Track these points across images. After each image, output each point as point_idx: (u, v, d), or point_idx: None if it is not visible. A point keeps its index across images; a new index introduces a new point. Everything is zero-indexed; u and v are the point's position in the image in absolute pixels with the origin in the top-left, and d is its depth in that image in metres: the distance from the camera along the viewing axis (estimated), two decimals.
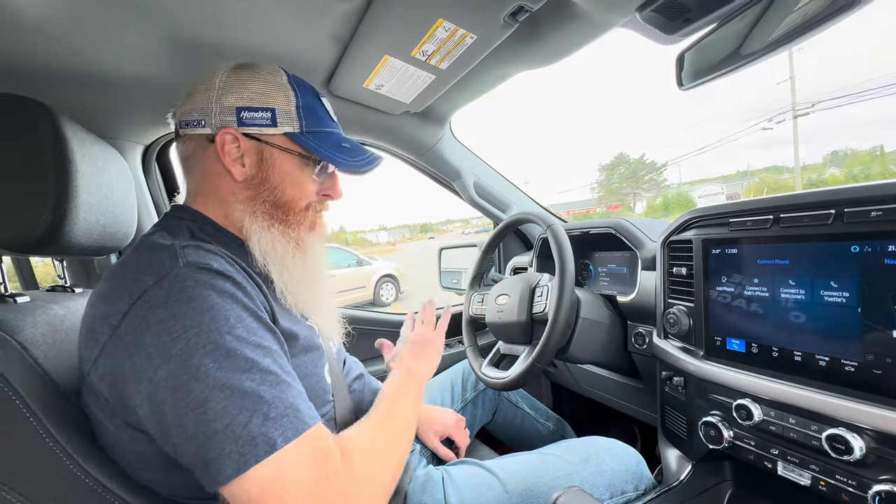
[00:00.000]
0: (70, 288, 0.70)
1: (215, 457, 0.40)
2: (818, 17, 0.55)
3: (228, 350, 0.42)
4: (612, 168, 51.48)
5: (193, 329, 0.42)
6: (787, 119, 22.13)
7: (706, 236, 0.74)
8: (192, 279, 0.45)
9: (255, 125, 0.57)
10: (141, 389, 0.42)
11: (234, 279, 0.48)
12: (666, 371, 0.82)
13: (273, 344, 0.48)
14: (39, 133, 0.53)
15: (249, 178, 0.58)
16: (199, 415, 0.40)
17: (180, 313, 0.43)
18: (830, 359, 0.57)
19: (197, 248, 0.49)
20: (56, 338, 0.55)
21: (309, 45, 0.81)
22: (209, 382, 0.41)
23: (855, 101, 23.55)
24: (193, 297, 0.44)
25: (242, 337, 0.44)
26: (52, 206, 0.53)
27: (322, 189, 0.63)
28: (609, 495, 0.74)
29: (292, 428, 0.43)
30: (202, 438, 0.40)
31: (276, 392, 0.43)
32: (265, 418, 0.41)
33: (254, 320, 0.47)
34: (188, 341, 0.42)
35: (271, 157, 0.58)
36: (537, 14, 0.70)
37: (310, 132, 0.60)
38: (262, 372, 0.44)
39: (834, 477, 0.56)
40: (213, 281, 0.46)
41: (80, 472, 0.47)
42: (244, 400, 0.41)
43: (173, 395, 0.41)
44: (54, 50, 0.70)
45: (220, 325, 0.43)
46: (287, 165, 0.59)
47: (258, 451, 0.40)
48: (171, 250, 0.48)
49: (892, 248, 0.52)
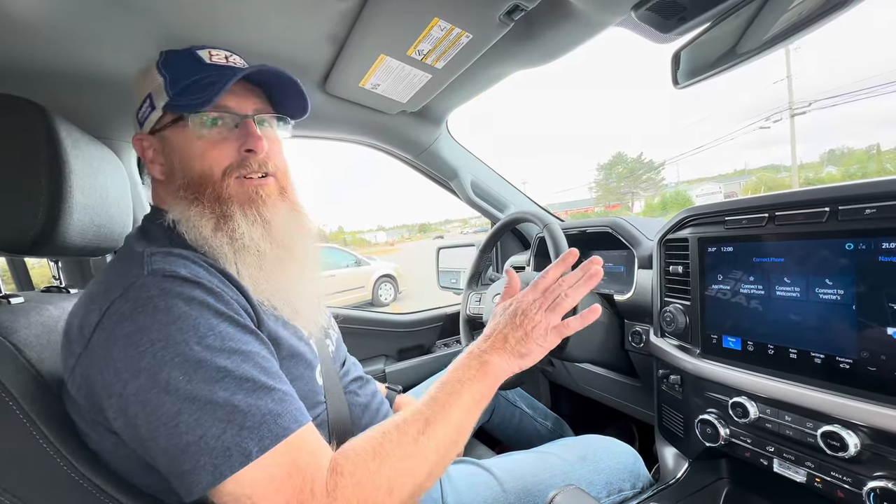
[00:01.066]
0: (65, 289, 0.70)
1: (190, 469, 0.39)
2: (812, 15, 0.55)
3: (198, 361, 0.41)
4: (610, 167, 51.47)
5: (160, 342, 0.41)
6: (783, 118, 22.18)
7: (702, 235, 0.74)
8: (158, 288, 0.43)
9: (145, 119, 0.56)
10: (112, 403, 0.42)
11: (203, 285, 0.46)
12: (663, 369, 0.82)
13: (253, 346, 0.46)
14: (33, 133, 0.53)
15: (165, 171, 0.57)
16: (171, 428, 0.39)
17: (146, 325, 0.41)
18: (825, 356, 0.57)
19: (167, 254, 0.48)
20: (51, 339, 0.55)
21: (305, 45, 0.81)
22: (179, 395, 0.40)
23: (851, 100, 23.65)
24: (159, 307, 0.42)
25: (213, 346, 0.42)
26: (47, 207, 0.52)
27: (241, 146, 0.55)
28: (606, 493, 0.74)
29: (270, 436, 0.41)
30: (175, 451, 0.39)
31: (252, 400, 0.42)
32: (240, 428, 0.40)
33: (229, 325, 0.45)
34: (155, 354, 0.40)
35: (168, 141, 0.56)
36: (533, 13, 0.70)
37: (178, 93, 0.54)
38: (237, 380, 0.42)
39: (829, 474, 0.56)
40: (179, 289, 0.44)
41: (74, 473, 0.47)
42: (217, 411, 0.40)
43: (144, 410, 0.40)
44: (49, 50, 0.70)
45: (187, 335, 0.42)
46: (180, 140, 0.55)
47: (233, 463, 0.39)
48: (139, 258, 0.47)
49: (886, 246, 0.52)
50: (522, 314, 0.59)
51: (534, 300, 0.60)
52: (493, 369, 0.55)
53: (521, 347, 0.56)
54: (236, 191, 0.55)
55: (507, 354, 0.56)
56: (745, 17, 0.62)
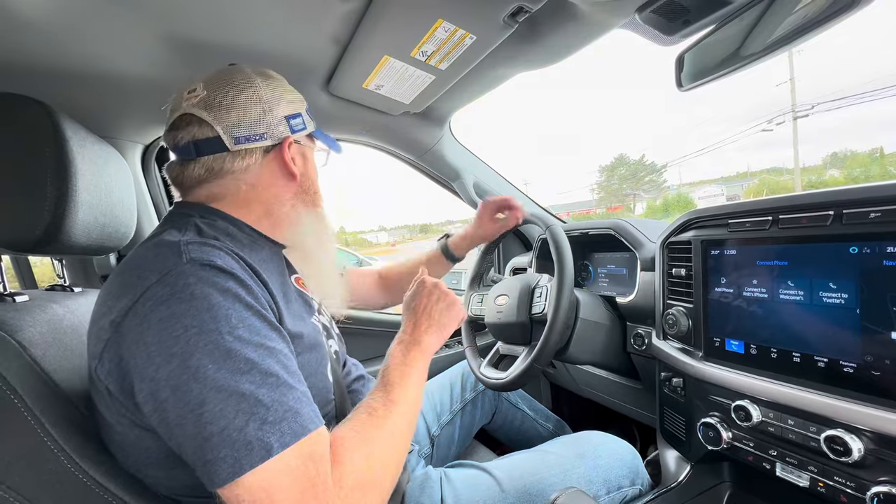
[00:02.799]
0: (69, 287, 0.70)
1: (212, 459, 0.40)
2: (817, 18, 0.55)
3: (228, 350, 0.42)
4: (612, 169, 51.15)
5: (194, 328, 0.42)
6: (786, 121, 22.06)
7: (705, 237, 0.74)
8: (196, 276, 0.44)
9: (298, 130, 0.63)
10: (144, 387, 0.42)
11: (238, 277, 0.47)
12: (665, 372, 0.82)
13: (278, 344, 0.47)
14: (39, 132, 0.53)
15: (301, 176, 0.64)
16: (198, 416, 0.40)
17: (181, 312, 0.42)
18: (829, 360, 0.57)
19: (202, 244, 0.49)
20: (55, 337, 0.55)
21: (308, 46, 0.81)
22: (207, 384, 0.41)
23: (854, 103, 23.52)
24: (195, 295, 0.43)
25: (243, 337, 0.44)
26: (52, 206, 0.53)
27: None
28: (605, 490, 0.74)
29: (290, 432, 0.42)
30: (200, 440, 0.40)
31: (275, 395, 0.43)
32: (262, 422, 0.41)
33: (257, 319, 0.46)
34: (188, 341, 0.41)
35: (309, 155, 0.68)
36: (537, 15, 0.70)
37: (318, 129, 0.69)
38: (263, 374, 0.43)
39: (832, 478, 0.56)
40: (215, 279, 0.45)
41: (77, 470, 0.47)
42: (241, 403, 0.41)
43: (174, 395, 0.41)
44: (54, 49, 0.70)
45: (220, 324, 0.43)
46: (310, 156, 0.69)
47: (253, 457, 0.40)
48: (175, 247, 0.47)
49: (891, 250, 0.52)
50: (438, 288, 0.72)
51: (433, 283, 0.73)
52: (428, 347, 0.65)
53: (444, 318, 0.69)
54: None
55: (435, 329, 0.67)
56: (749, 19, 0.62)
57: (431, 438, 0.98)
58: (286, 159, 0.61)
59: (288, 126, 0.62)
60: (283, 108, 0.62)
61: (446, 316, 0.69)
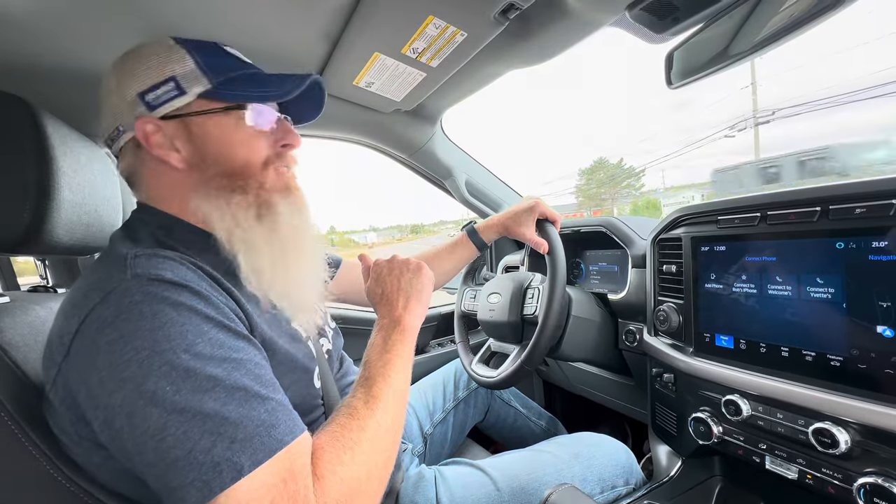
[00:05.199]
0: (52, 288, 0.68)
1: (178, 485, 0.37)
2: (804, 16, 0.56)
3: (186, 370, 0.39)
4: (592, 172, 51.02)
5: (145, 350, 0.39)
6: (748, 126, 22.14)
7: (695, 234, 0.74)
8: (142, 293, 0.41)
9: (164, 103, 0.51)
10: (98, 415, 0.40)
11: (192, 289, 0.43)
12: (656, 368, 0.83)
13: (246, 353, 0.44)
14: (20, 129, 0.52)
15: (189, 160, 0.52)
16: (158, 442, 0.37)
17: (130, 333, 0.39)
18: (817, 354, 0.58)
19: (152, 256, 0.45)
20: (37, 339, 0.54)
21: (298, 43, 0.80)
22: (167, 407, 0.38)
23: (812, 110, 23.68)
24: (144, 313, 0.40)
25: (203, 353, 0.40)
26: (33, 204, 0.51)
27: (277, 140, 0.57)
28: (600, 490, 0.74)
29: (263, 449, 0.39)
30: (163, 467, 0.38)
31: (244, 410, 0.40)
32: (231, 441, 0.38)
33: (219, 331, 0.43)
34: (141, 363, 0.38)
35: (199, 128, 0.52)
36: (528, 12, 0.70)
37: (223, 82, 0.52)
38: (228, 389, 0.40)
39: (820, 470, 0.56)
40: (165, 293, 0.42)
41: (60, 476, 0.46)
42: (206, 423, 0.38)
43: (130, 422, 0.38)
44: (36, 45, 0.69)
45: (174, 343, 0.39)
46: (218, 128, 0.53)
47: (223, 479, 0.37)
48: (121, 261, 0.44)
49: (876, 245, 0.53)
50: (395, 262, 0.69)
51: (386, 260, 0.70)
52: (409, 325, 0.61)
53: (416, 284, 0.65)
54: (275, 181, 0.56)
55: (413, 301, 0.63)
56: (738, 18, 0.63)
57: (424, 437, 0.98)
58: (150, 146, 0.51)
59: (143, 104, 0.50)
60: (137, 84, 0.51)
61: (417, 282, 0.66)
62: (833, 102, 26.16)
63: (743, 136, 22.36)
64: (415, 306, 0.64)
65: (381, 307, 0.65)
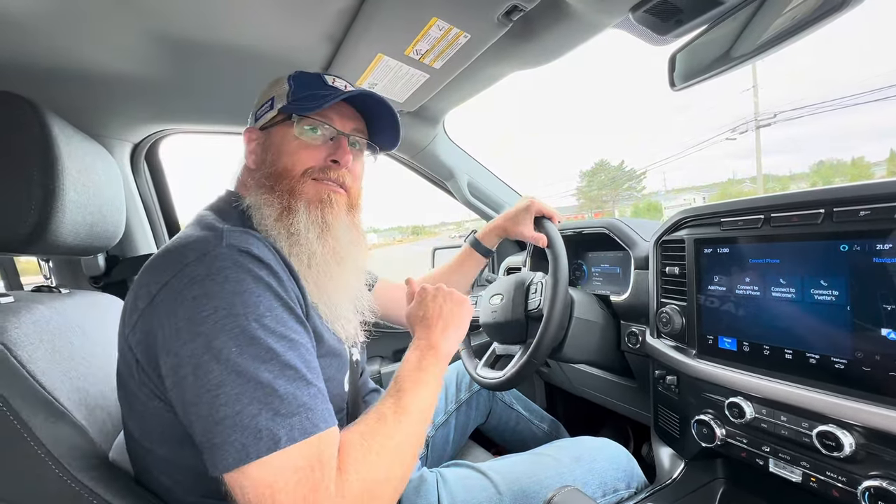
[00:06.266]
0: (56, 288, 0.69)
1: (220, 442, 0.40)
2: (808, 18, 0.56)
3: (252, 337, 0.43)
4: (593, 174, 50.85)
5: (223, 310, 0.42)
6: (749, 129, 21.99)
7: (698, 236, 0.74)
8: (232, 260, 0.46)
9: (261, 117, 0.63)
10: (168, 361, 0.43)
11: (271, 267, 0.48)
12: (659, 370, 0.82)
13: (302, 337, 0.48)
14: (26, 130, 0.52)
15: (257, 161, 0.63)
16: (213, 397, 0.40)
17: (214, 292, 0.43)
18: (821, 356, 0.58)
19: (243, 232, 0.50)
20: (42, 338, 0.54)
21: (301, 44, 0.80)
22: (228, 366, 0.41)
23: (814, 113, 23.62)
24: (229, 278, 0.44)
25: (269, 326, 0.44)
26: (39, 205, 0.52)
27: (329, 155, 0.62)
28: (601, 494, 0.74)
29: (300, 428, 0.41)
30: (212, 421, 0.40)
31: (291, 388, 0.43)
32: (275, 413, 0.41)
33: (285, 311, 0.47)
34: (216, 321, 0.42)
35: (270, 137, 0.63)
36: (531, 14, 0.70)
37: (294, 100, 0.61)
38: (283, 365, 0.43)
39: (824, 473, 0.56)
40: (250, 265, 0.46)
41: (64, 475, 0.46)
42: (258, 390, 0.41)
43: (194, 373, 0.41)
44: (42, 46, 0.69)
45: (248, 310, 0.43)
46: (279, 137, 0.62)
47: (260, 447, 0.40)
48: (217, 231, 0.49)
49: (881, 247, 0.53)
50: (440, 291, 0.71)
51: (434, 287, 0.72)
52: (444, 350, 0.64)
53: (456, 317, 0.68)
54: (309, 190, 0.60)
55: (451, 330, 0.67)
56: (741, 19, 0.63)
57: (426, 439, 0.97)
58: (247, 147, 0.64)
59: (253, 118, 0.65)
60: (255, 106, 0.66)
61: (458, 314, 0.69)
62: (835, 105, 26.13)
63: (744, 138, 22.27)
64: (452, 334, 0.67)
65: (419, 329, 0.67)
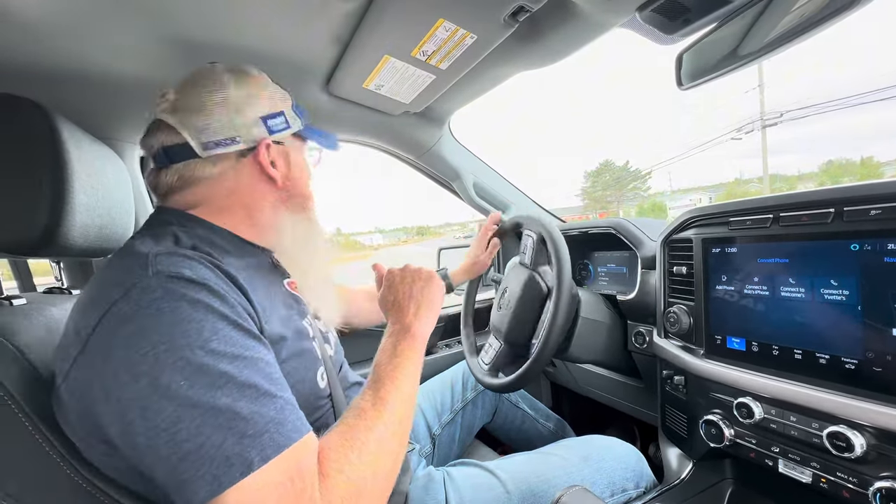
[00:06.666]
0: (67, 290, 0.69)
1: (189, 478, 0.38)
2: (816, 17, 0.56)
3: (200, 366, 0.40)
4: (598, 175, 50.47)
5: (163, 345, 0.40)
6: (755, 129, 21.75)
7: (706, 235, 0.74)
8: (162, 289, 0.42)
9: (277, 131, 0.61)
10: (109, 409, 0.40)
11: (209, 287, 0.45)
12: (666, 370, 0.82)
13: (257, 352, 0.45)
14: (35, 133, 0.52)
15: (285, 178, 0.62)
16: (172, 435, 0.38)
17: (148, 327, 0.40)
18: (831, 356, 0.57)
19: (171, 255, 0.47)
20: (53, 341, 0.54)
21: (308, 46, 0.80)
22: (180, 401, 0.39)
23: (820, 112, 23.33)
24: (162, 309, 0.41)
25: (217, 350, 0.42)
26: (49, 208, 0.52)
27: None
28: (610, 493, 0.74)
29: (272, 445, 0.40)
30: (175, 460, 0.38)
31: (255, 407, 0.41)
32: (241, 436, 0.39)
33: (233, 329, 0.44)
34: (157, 358, 0.39)
35: (293, 156, 0.64)
36: (537, 14, 0.70)
37: (306, 128, 0.66)
38: (240, 386, 0.41)
39: (835, 474, 0.56)
40: (184, 290, 0.43)
41: (77, 476, 0.46)
42: (218, 418, 0.39)
43: (143, 415, 0.39)
44: (51, 50, 0.70)
45: (191, 339, 0.41)
46: (298, 158, 0.65)
47: (233, 473, 0.38)
48: (143, 258, 0.45)
49: (892, 247, 0.52)
50: (407, 271, 0.72)
51: (400, 269, 0.73)
52: (419, 332, 0.64)
53: (427, 294, 0.68)
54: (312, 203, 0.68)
55: (424, 309, 0.66)
56: (749, 18, 0.62)
57: (433, 437, 0.98)
58: (263, 163, 0.59)
59: (265, 127, 0.59)
60: (259, 108, 0.59)
61: (429, 292, 0.69)
62: (842, 105, 25.88)
63: (750, 138, 22.09)
64: (425, 314, 0.66)
65: (392, 314, 0.67)
